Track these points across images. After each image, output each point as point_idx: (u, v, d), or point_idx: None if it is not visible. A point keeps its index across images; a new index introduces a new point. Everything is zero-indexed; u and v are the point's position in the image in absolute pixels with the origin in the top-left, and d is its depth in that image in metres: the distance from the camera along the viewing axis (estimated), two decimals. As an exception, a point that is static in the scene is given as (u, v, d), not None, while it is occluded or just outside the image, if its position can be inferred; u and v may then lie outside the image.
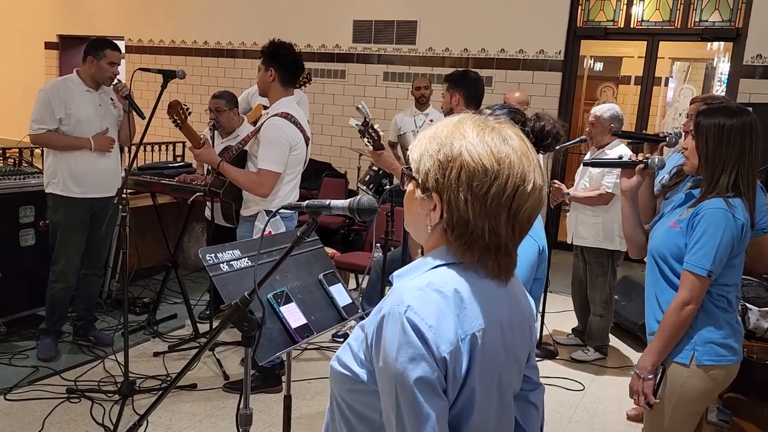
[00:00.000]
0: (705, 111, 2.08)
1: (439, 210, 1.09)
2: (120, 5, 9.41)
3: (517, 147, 1.09)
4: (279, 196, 3.37)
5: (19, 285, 4.00)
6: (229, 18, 8.46)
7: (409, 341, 1.03)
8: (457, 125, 1.12)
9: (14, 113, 10.78)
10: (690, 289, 1.99)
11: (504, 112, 1.86)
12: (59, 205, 3.70)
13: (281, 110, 3.32)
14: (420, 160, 1.12)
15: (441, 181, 1.08)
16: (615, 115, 4.02)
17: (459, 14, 7.04)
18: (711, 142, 2.00)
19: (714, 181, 2.01)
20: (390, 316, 1.06)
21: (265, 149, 3.27)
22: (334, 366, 1.15)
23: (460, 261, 1.11)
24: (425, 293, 1.06)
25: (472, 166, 1.06)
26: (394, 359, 1.04)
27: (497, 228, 1.07)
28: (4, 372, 3.58)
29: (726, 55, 6.89)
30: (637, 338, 4.54)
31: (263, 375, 3.53)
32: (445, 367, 1.05)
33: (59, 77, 3.86)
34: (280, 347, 1.96)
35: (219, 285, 1.94)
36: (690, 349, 2.05)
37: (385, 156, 3.16)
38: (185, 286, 4.44)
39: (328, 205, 1.57)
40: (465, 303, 1.08)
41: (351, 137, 7.13)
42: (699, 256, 1.97)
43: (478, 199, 1.06)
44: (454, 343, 1.05)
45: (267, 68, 3.34)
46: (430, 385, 1.04)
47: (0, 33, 10.96)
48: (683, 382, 2.06)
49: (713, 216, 1.96)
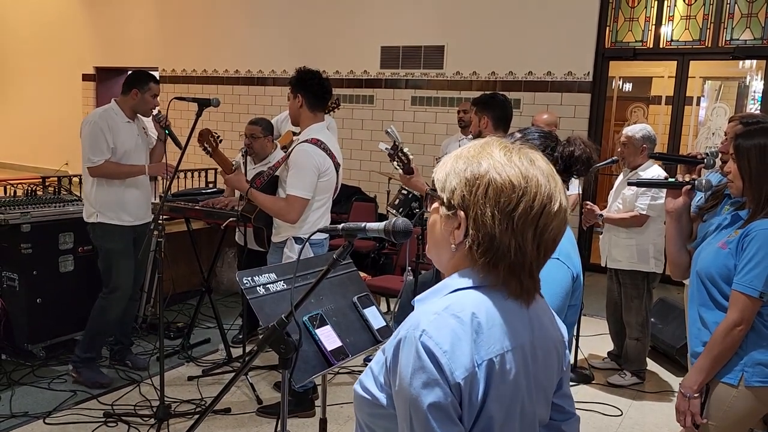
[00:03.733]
0: (744, 133, 2.07)
1: (464, 227, 1.09)
2: (154, 37, 9.69)
3: (543, 168, 1.10)
4: (308, 222, 3.37)
5: (58, 310, 4.08)
6: (260, 46, 8.64)
7: (424, 366, 1.02)
8: (483, 146, 1.13)
9: (53, 143, 11.14)
10: (741, 310, 1.96)
11: (536, 136, 1.84)
12: (111, 234, 3.75)
13: (311, 136, 3.36)
14: (445, 180, 1.13)
15: (467, 197, 1.08)
16: (647, 135, 3.98)
17: (486, 38, 7.09)
18: (753, 162, 1.99)
19: (762, 201, 1.99)
20: (406, 341, 1.05)
21: (293, 175, 3.29)
22: (357, 390, 1.15)
23: (482, 283, 1.10)
24: (441, 318, 1.06)
25: (500, 183, 1.07)
26: (409, 384, 1.03)
27: (523, 245, 1.07)
28: (43, 396, 3.65)
29: (759, 73, 6.79)
30: (675, 362, 4.43)
31: (296, 399, 3.52)
32: (459, 393, 1.03)
33: (99, 108, 3.91)
34: (316, 370, 1.96)
35: (256, 308, 1.96)
36: (739, 370, 2.02)
37: (414, 179, 3.18)
38: (218, 311, 4.49)
39: (363, 227, 1.59)
40: (482, 328, 1.06)
41: (380, 161, 7.17)
42: (751, 277, 1.95)
43: (505, 216, 1.06)
44: (470, 369, 1.04)
45: (295, 95, 3.40)
46: (444, 410, 1.02)
47: (40, 65, 11.37)
48: (731, 402, 2.03)
49: (765, 237, 1.95)
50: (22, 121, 11.82)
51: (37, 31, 11.34)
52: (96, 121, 3.70)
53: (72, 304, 4.13)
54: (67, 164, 10.23)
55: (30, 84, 11.63)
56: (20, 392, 3.68)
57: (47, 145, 11.26)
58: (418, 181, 3.21)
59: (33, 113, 11.57)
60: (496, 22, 7.00)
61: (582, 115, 6.71)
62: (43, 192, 5.17)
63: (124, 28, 10.01)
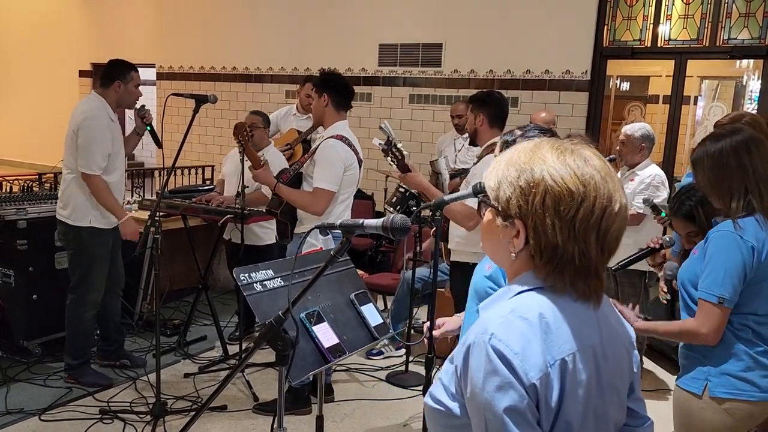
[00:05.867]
0: (698, 144, 2.07)
1: (523, 236, 1.07)
2: (151, 33, 9.67)
3: (599, 167, 1.07)
4: (333, 215, 3.45)
5: (54, 307, 4.06)
6: (258, 43, 8.62)
7: (495, 369, 1.00)
8: (534, 150, 1.09)
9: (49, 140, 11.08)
10: (703, 316, 1.92)
11: (536, 134, 1.84)
12: (95, 237, 3.68)
13: (336, 132, 3.46)
14: (498, 188, 1.10)
15: (524, 207, 1.06)
16: (646, 134, 3.99)
17: (484, 36, 7.08)
18: (708, 172, 1.97)
19: (727, 207, 1.96)
20: (475, 346, 1.03)
21: (320, 169, 3.38)
22: (428, 403, 1.12)
23: (549, 285, 1.08)
24: (508, 320, 1.04)
25: (557, 190, 1.03)
26: (482, 389, 1.01)
27: (587, 250, 1.04)
28: (38, 393, 3.64)
29: (756, 73, 6.80)
30: (672, 360, 4.44)
31: (293, 396, 3.52)
32: (536, 395, 1.01)
33: (93, 106, 3.64)
34: (312, 366, 1.96)
35: (253, 304, 1.96)
36: (702, 379, 1.97)
37: (411, 176, 3.18)
38: (215, 308, 4.48)
39: (361, 224, 1.58)
40: (551, 327, 1.04)
41: (377, 159, 7.15)
42: (708, 283, 1.92)
43: (566, 224, 1.03)
44: (543, 369, 1.01)
45: (320, 95, 3.49)
46: (521, 413, 1.00)
47: (36, 61, 11.33)
48: (698, 414, 1.98)
49: (719, 239, 1.92)
50: (18, 117, 11.78)
51: (34, 27, 11.30)
52: (100, 126, 3.55)
53: (68, 300, 4.12)
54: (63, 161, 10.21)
55: (26, 80, 11.59)
56: (15, 389, 3.67)
57: (43, 141, 11.21)
58: (415, 178, 3.20)
59: (29, 109, 11.53)
60: (495, 20, 6.99)
61: (579, 114, 6.71)
62: (39, 188, 5.16)
63: (121, 24, 9.98)
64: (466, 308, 1.91)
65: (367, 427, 3.50)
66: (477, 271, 1.87)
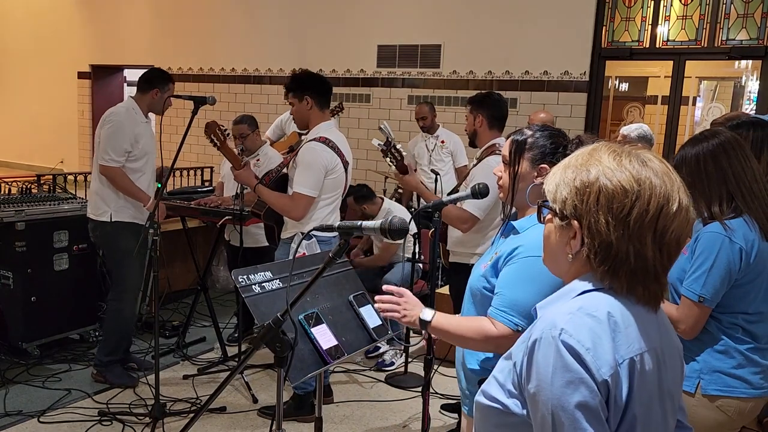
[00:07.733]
0: (680, 148, 2.08)
1: (580, 237, 1.07)
2: (150, 35, 9.67)
3: (657, 168, 1.07)
4: (315, 219, 3.37)
5: (52, 309, 4.06)
6: (256, 45, 8.62)
7: (566, 364, 0.99)
8: (591, 153, 1.10)
9: (49, 141, 11.11)
10: (682, 312, 1.95)
11: (545, 135, 1.81)
12: (126, 232, 3.70)
13: (319, 135, 3.36)
14: (556, 191, 1.11)
15: (579, 206, 1.06)
16: (643, 134, 3.99)
17: (482, 37, 7.08)
18: (687, 177, 1.96)
19: (708, 211, 1.97)
20: (542, 341, 1.02)
21: (300, 173, 3.29)
22: (481, 401, 1.11)
23: (607, 286, 1.07)
24: (577, 317, 1.03)
25: (611, 188, 1.04)
26: (550, 384, 0.99)
27: (643, 251, 1.04)
28: (37, 395, 3.63)
29: (755, 74, 6.81)
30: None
31: (297, 403, 3.50)
32: (606, 392, 1.00)
33: (122, 106, 3.79)
34: (311, 368, 1.96)
35: (251, 306, 1.95)
36: (695, 378, 1.98)
37: (408, 178, 3.18)
38: (214, 309, 4.47)
39: (359, 225, 1.58)
40: (619, 327, 1.03)
41: (376, 160, 7.17)
42: (691, 281, 1.94)
43: (619, 222, 1.03)
44: (614, 367, 1.00)
45: (302, 98, 3.36)
46: (591, 410, 0.98)
47: (35, 63, 11.33)
48: (691, 412, 1.96)
49: (707, 240, 1.93)
50: (17, 119, 11.78)
51: (33, 29, 11.30)
52: (122, 121, 3.65)
53: (66, 302, 4.12)
54: (62, 162, 10.20)
55: (25, 82, 11.59)
56: (14, 391, 3.67)
57: (42, 143, 11.23)
58: (413, 179, 3.20)
59: (28, 111, 11.53)
60: (493, 22, 7.00)
61: (578, 115, 6.71)
62: (38, 190, 5.15)
63: (120, 25, 9.98)
64: (462, 308, 1.92)
65: (366, 428, 3.49)
66: (473, 271, 1.88)
